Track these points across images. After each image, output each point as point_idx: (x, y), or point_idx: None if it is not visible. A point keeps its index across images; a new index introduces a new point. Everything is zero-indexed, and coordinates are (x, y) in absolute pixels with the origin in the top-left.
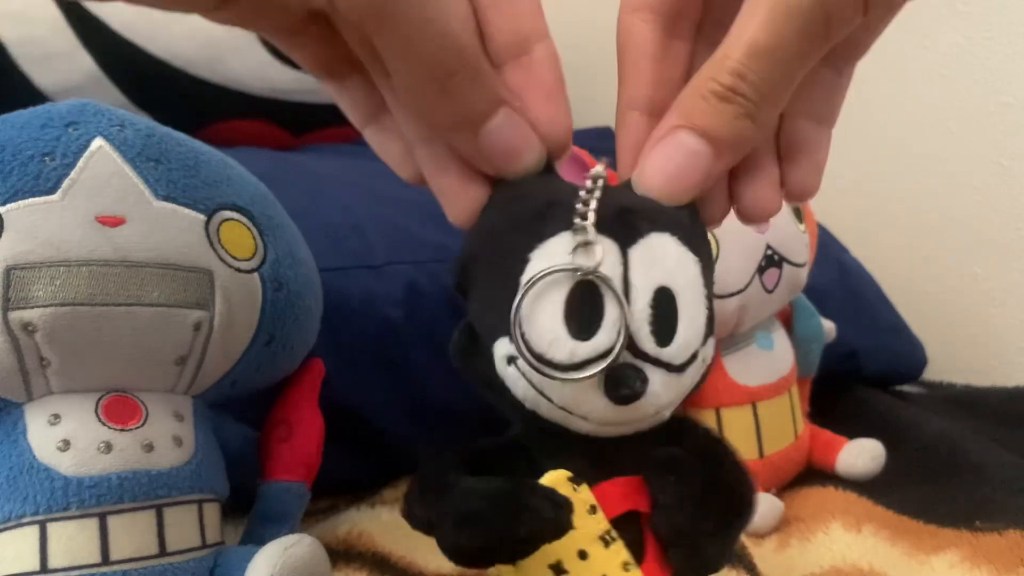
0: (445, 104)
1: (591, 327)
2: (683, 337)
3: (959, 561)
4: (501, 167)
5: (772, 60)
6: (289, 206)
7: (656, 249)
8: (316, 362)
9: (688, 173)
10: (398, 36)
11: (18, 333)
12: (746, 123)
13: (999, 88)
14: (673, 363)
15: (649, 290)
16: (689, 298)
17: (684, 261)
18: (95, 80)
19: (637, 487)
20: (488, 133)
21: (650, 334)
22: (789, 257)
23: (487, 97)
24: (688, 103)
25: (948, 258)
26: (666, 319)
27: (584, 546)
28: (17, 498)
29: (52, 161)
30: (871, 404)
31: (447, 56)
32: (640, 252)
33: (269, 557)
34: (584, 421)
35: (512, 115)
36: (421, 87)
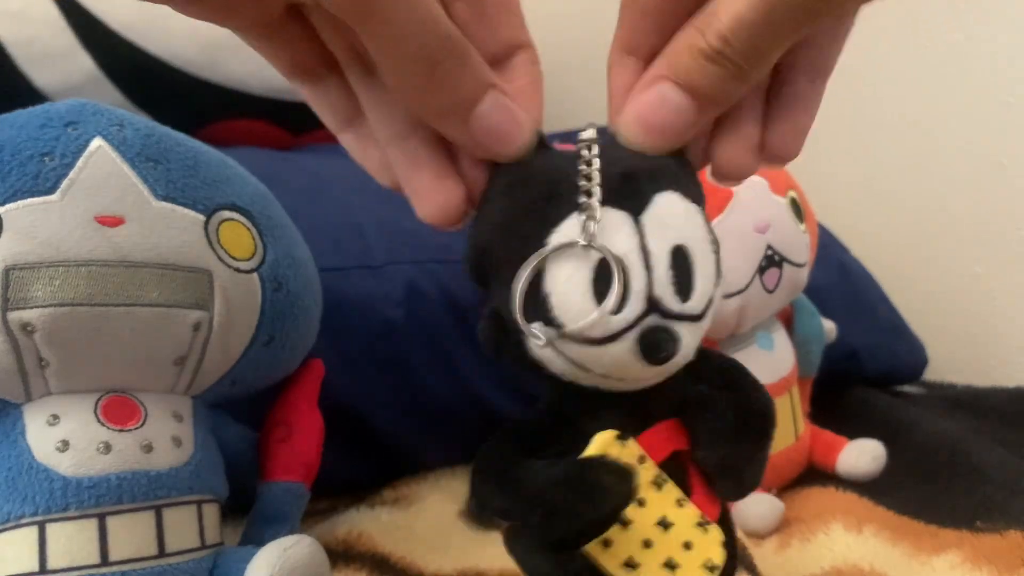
0: (434, 91)
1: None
2: (701, 288)
3: (960, 562)
4: (494, 150)
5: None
6: (289, 206)
7: (664, 210)
8: (316, 362)
9: (669, 126)
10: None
11: (17, 333)
12: (732, 83)
13: (999, 88)
14: (696, 313)
15: (666, 252)
16: (701, 250)
17: (690, 215)
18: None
19: (675, 429)
20: (478, 117)
21: (674, 294)
22: (790, 257)
23: (475, 81)
24: (675, 56)
25: (949, 258)
26: (685, 276)
27: (641, 494)
28: (16, 499)
29: (51, 161)
30: (872, 404)
31: (435, 43)
32: (651, 217)
33: (268, 558)
34: (621, 382)
35: (500, 97)
36: (410, 76)
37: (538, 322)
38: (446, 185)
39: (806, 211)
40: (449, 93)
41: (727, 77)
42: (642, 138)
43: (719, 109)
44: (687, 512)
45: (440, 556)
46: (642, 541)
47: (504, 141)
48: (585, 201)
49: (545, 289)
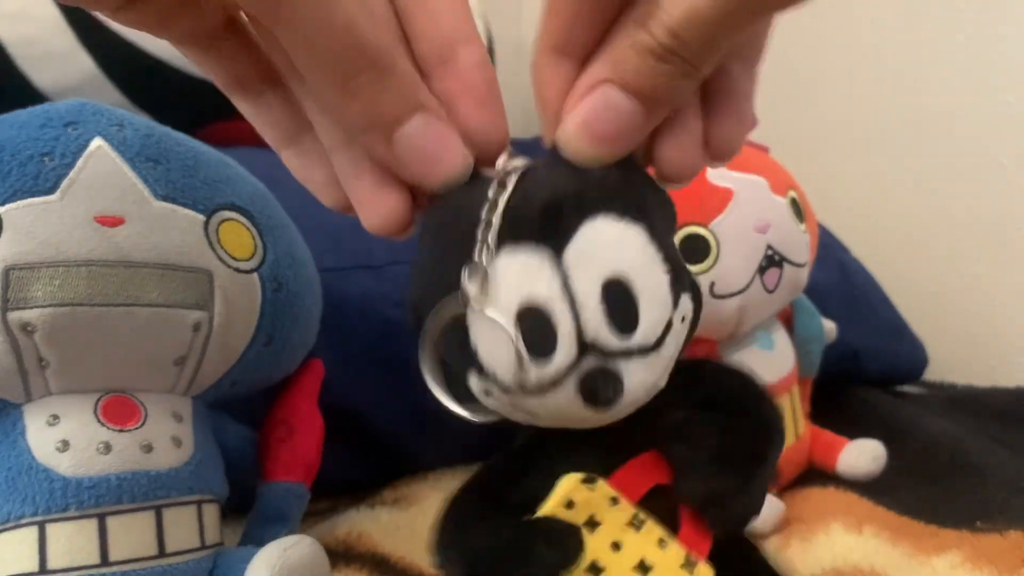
0: (350, 105)
1: (548, 347)
2: (648, 318)
3: (960, 562)
4: (419, 176)
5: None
6: (289, 206)
7: (590, 241)
8: (316, 362)
9: (616, 132)
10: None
11: (17, 333)
12: (683, 82)
13: (999, 88)
14: (647, 345)
15: (596, 288)
16: (642, 276)
17: (625, 238)
18: (94, 80)
19: (655, 462)
20: (402, 138)
21: (609, 333)
22: (790, 257)
23: (400, 100)
24: (619, 56)
25: (949, 258)
26: (624, 309)
27: (616, 537)
28: (16, 499)
29: (51, 161)
30: (872, 404)
31: (350, 54)
32: (575, 252)
33: (268, 558)
34: (586, 422)
35: (430, 120)
36: (324, 86)
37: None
38: (385, 194)
39: (806, 211)
40: (367, 108)
41: (677, 75)
42: (588, 148)
43: (668, 110)
44: (670, 553)
45: None
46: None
47: (430, 167)
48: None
49: (472, 341)
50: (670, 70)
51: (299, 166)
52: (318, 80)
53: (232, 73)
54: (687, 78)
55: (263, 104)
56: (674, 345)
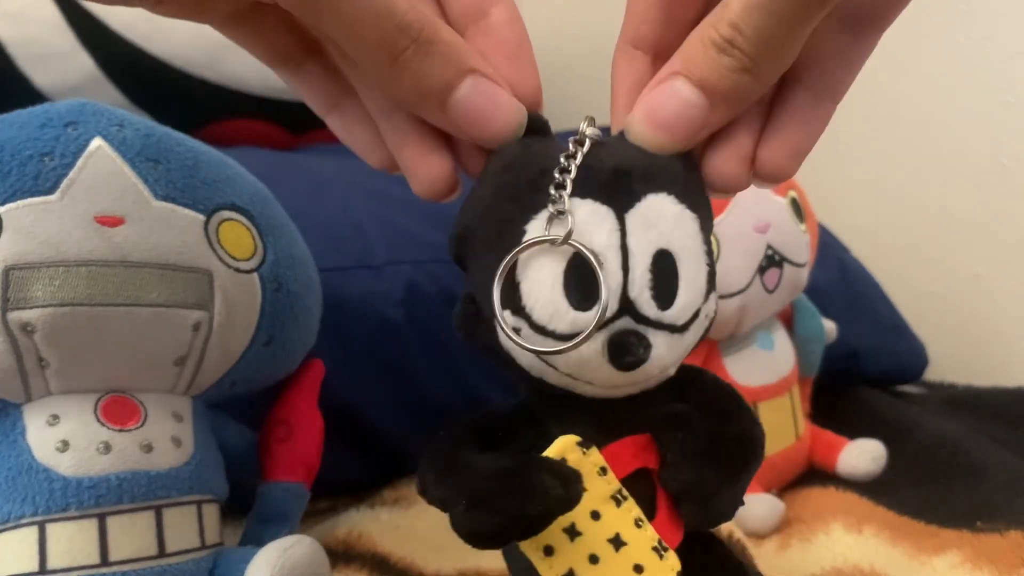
0: (400, 81)
1: (591, 296)
2: (684, 298)
3: (960, 562)
4: (476, 136)
5: (767, 13)
6: (289, 206)
7: (653, 211)
8: (316, 362)
9: (680, 123)
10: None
11: (17, 334)
12: (743, 77)
13: (999, 88)
14: (676, 324)
15: (648, 254)
16: (688, 258)
17: (682, 220)
18: (94, 80)
19: (646, 445)
20: (456, 104)
21: (651, 299)
22: (790, 257)
23: (448, 68)
24: (689, 50)
25: (949, 258)
26: (667, 282)
27: (596, 507)
28: (16, 499)
29: (51, 161)
30: (872, 404)
31: (392, 34)
32: (637, 216)
33: (268, 558)
34: (590, 386)
35: (481, 82)
36: (373, 68)
37: (508, 310)
38: (432, 159)
39: (806, 211)
40: (417, 81)
41: (739, 70)
42: (651, 135)
43: (733, 109)
44: (644, 534)
45: (440, 556)
46: (589, 555)
47: (485, 127)
48: (554, 194)
49: (517, 278)
50: (731, 63)
51: (343, 130)
52: (366, 62)
53: (272, 48)
54: (748, 73)
55: (305, 74)
56: (694, 336)
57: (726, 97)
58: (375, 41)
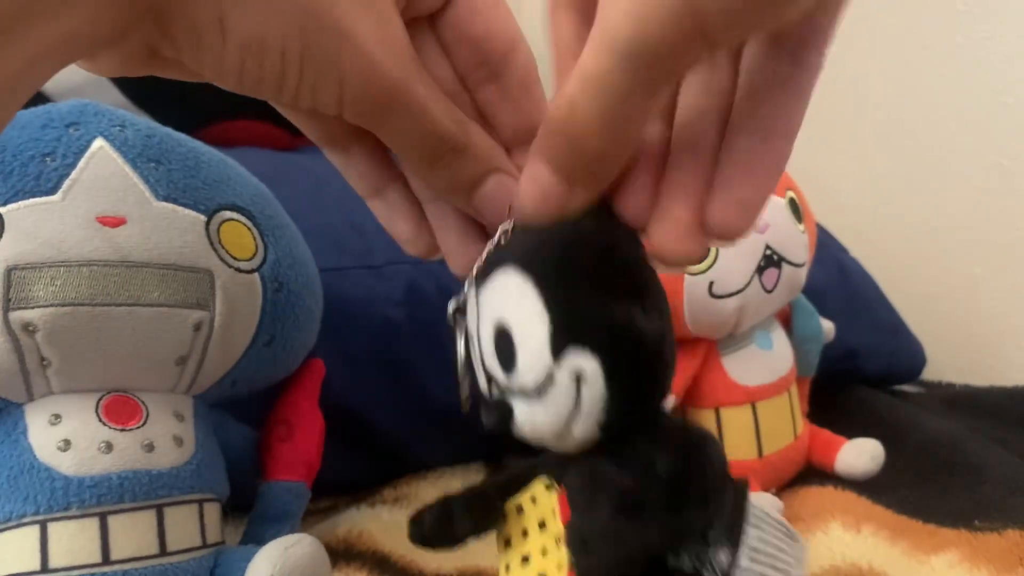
0: (438, 177)
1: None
2: (524, 362)
3: (958, 561)
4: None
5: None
6: (289, 206)
7: (496, 288)
8: (316, 362)
9: (545, 204)
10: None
11: (19, 333)
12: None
13: (999, 88)
14: (527, 389)
15: (490, 327)
16: (523, 328)
17: (510, 289)
18: (95, 80)
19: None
20: (480, 197)
21: (498, 367)
22: (788, 257)
23: (475, 168)
24: (541, 131)
25: (948, 258)
26: (506, 351)
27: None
28: (18, 498)
29: (53, 161)
30: (870, 404)
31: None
32: (485, 295)
33: (269, 557)
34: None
35: (502, 180)
36: (417, 164)
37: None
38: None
39: (804, 211)
40: (449, 178)
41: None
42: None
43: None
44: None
45: (440, 555)
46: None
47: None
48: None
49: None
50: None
51: (385, 216)
52: (412, 162)
53: (323, 129)
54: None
55: (352, 157)
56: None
57: (578, 178)
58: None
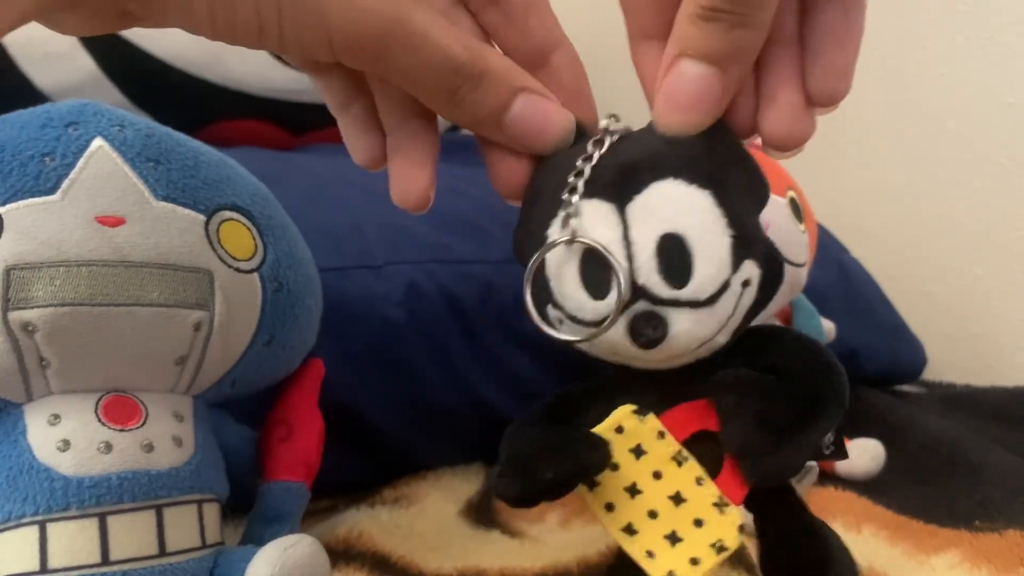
0: (459, 112)
1: (605, 287)
2: (701, 273)
3: (959, 561)
4: (532, 147)
5: None
6: (289, 206)
7: (654, 199)
8: (316, 362)
9: (700, 99)
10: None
11: (18, 333)
12: (739, 32)
13: (999, 88)
14: (698, 299)
15: (652, 241)
16: (700, 235)
17: (690, 200)
18: (95, 80)
19: (705, 409)
20: (511, 121)
21: (661, 280)
22: (789, 257)
23: (497, 93)
24: (680, 31)
25: (948, 258)
26: (678, 262)
27: (658, 467)
28: (17, 498)
29: (52, 161)
30: (871, 404)
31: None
32: (637, 207)
33: (269, 557)
34: (639, 361)
35: (531, 98)
36: (436, 101)
37: (550, 305)
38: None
39: (805, 211)
40: (473, 111)
41: (732, 27)
42: (678, 120)
43: (743, 66)
44: (705, 491)
45: (440, 555)
46: (648, 511)
47: (538, 137)
48: (566, 198)
49: (547, 277)
50: (722, 26)
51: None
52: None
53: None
54: (742, 28)
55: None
56: (731, 305)
57: (732, 57)
58: (435, 85)
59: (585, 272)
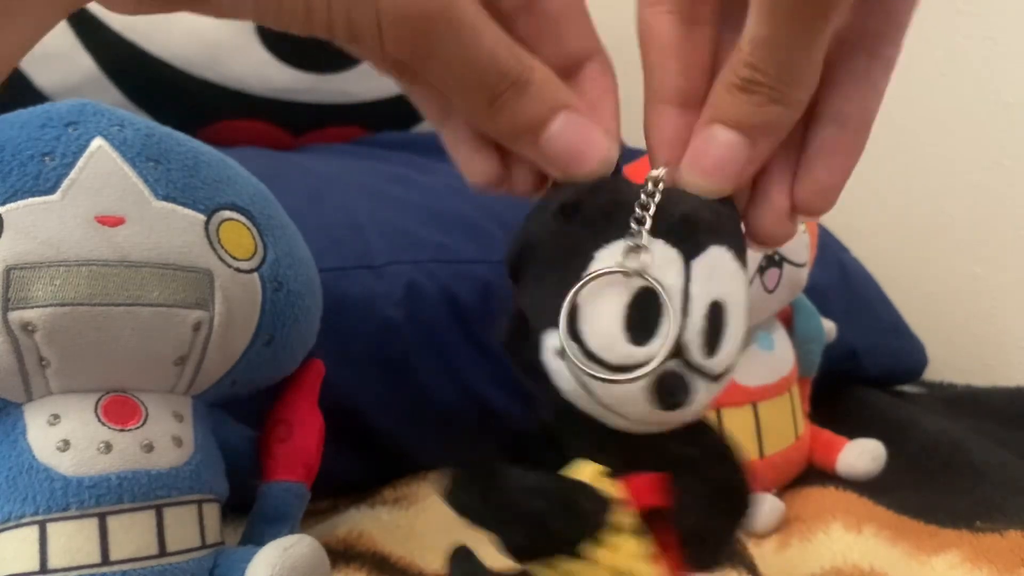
0: (498, 120)
1: (647, 333)
2: (727, 350)
3: (960, 562)
4: (567, 170)
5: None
6: (289, 206)
7: (715, 263)
8: (316, 362)
9: (727, 164)
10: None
11: (18, 333)
12: (773, 108)
13: (999, 88)
14: (715, 373)
15: (705, 303)
16: (737, 313)
17: (737, 276)
18: (95, 80)
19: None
20: (549, 139)
21: (701, 345)
22: (789, 257)
23: (542, 105)
24: (716, 98)
25: (948, 258)
26: (716, 331)
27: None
28: (17, 498)
29: (52, 161)
30: (872, 404)
31: (490, 80)
32: (701, 265)
33: (269, 557)
34: (622, 419)
35: (574, 117)
36: (472, 108)
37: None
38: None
39: None
40: (513, 119)
41: (768, 102)
42: (703, 181)
43: (772, 140)
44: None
45: (440, 556)
46: None
47: (579, 161)
48: (634, 228)
49: (577, 302)
50: (759, 99)
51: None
52: (467, 104)
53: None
54: (777, 104)
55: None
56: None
57: (763, 130)
58: (477, 86)
59: (632, 312)
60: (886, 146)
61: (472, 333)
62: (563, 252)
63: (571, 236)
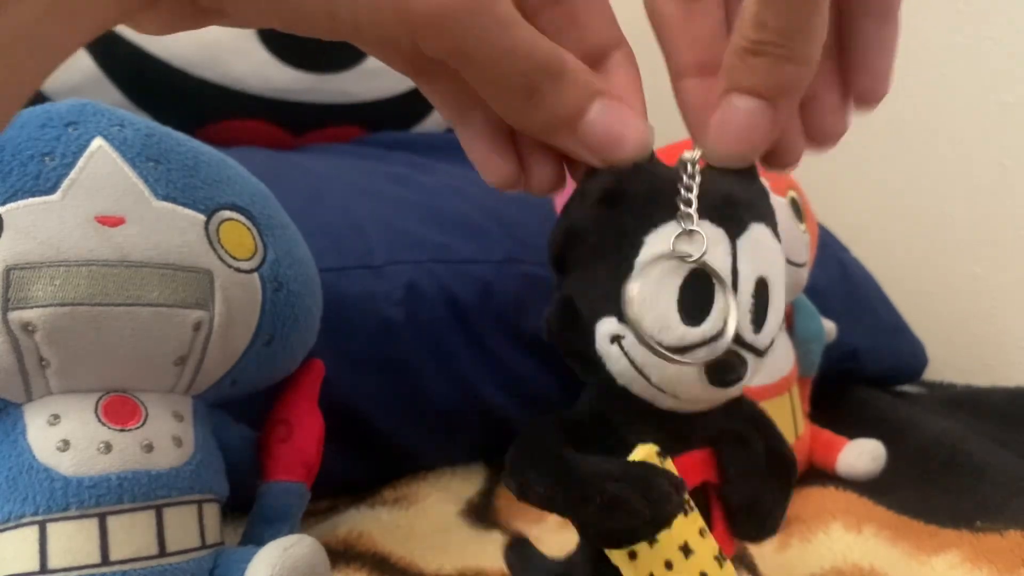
0: (536, 112)
1: (700, 314)
2: (771, 324)
3: (960, 562)
4: (607, 156)
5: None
6: (289, 206)
7: (758, 240)
8: (316, 362)
9: (750, 132)
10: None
11: (18, 333)
12: (786, 67)
13: (999, 88)
14: (761, 348)
15: (752, 280)
16: (778, 288)
17: (777, 252)
18: (95, 80)
19: (708, 460)
20: (587, 126)
21: (750, 322)
22: (790, 257)
23: (577, 94)
24: (728, 65)
25: (948, 258)
26: (762, 308)
27: None
28: (17, 498)
29: (52, 161)
30: (872, 404)
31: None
32: (746, 243)
33: (269, 557)
34: (673, 399)
35: (609, 103)
36: (509, 105)
37: (613, 317)
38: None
39: (806, 211)
40: (550, 112)
41: (780, 62)
42: (729, 151)
43: (792, 99)
44: (708, 543)
45: (440, 556)
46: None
47: (617, 146)
48: (683, 211)
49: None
50: (770, 60)
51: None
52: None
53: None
54: (789, 62)
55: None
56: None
57: (779, 91)
58: (516, 81)
59: (685, 294)
60: (886, 146)
61: (472, 333)
62: (611, 238)
63: (618, 222)
